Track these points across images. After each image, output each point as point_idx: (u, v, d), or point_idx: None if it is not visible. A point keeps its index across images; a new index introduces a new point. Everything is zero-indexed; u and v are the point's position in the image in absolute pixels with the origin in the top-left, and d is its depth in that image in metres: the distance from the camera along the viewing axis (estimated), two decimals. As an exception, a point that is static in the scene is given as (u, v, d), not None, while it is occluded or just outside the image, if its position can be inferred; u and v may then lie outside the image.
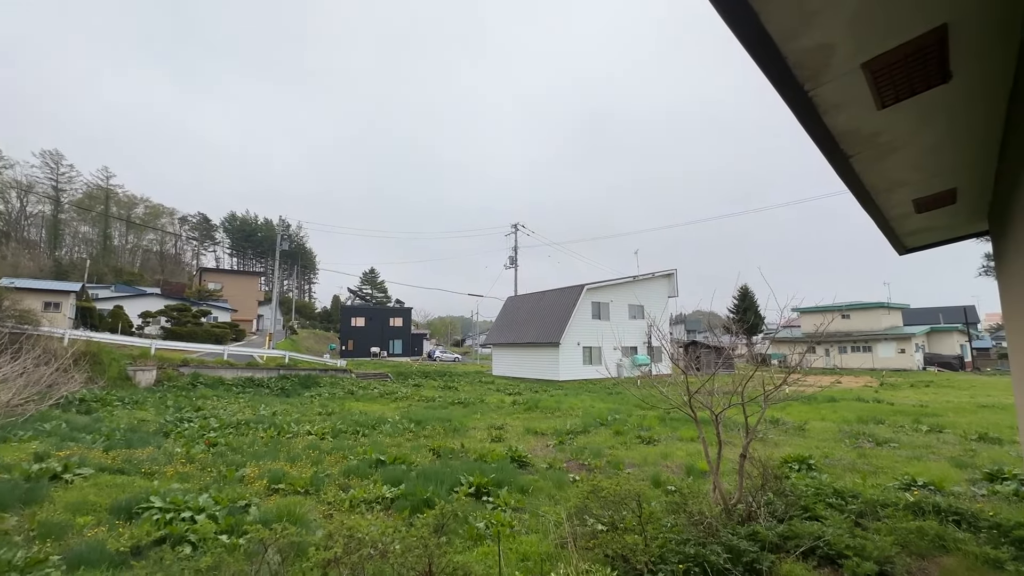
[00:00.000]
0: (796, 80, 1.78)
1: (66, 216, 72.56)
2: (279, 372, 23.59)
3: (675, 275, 35.84)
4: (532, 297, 36.83)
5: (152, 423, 11.61)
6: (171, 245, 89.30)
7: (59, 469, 6.52)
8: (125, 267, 70.82)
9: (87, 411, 12.77)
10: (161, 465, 7.49)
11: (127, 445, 8.85)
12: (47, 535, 4.56)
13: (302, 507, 5.73)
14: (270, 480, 6.71)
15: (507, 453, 8.66)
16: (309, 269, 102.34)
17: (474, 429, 12.19)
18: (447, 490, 6.43)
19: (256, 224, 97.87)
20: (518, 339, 33.23)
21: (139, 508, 5.26)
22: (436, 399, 19.10)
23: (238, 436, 10.20)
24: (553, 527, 4.83)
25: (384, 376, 29.14)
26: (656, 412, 13.52)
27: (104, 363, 19.12)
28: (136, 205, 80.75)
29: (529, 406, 16.58)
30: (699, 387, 5.53)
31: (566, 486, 7.04)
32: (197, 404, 15.11)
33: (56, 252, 68.27)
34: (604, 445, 10.18)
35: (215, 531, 4.72)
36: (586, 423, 12.73)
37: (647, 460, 8.90)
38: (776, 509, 5.17)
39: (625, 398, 18.91)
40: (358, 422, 12.35)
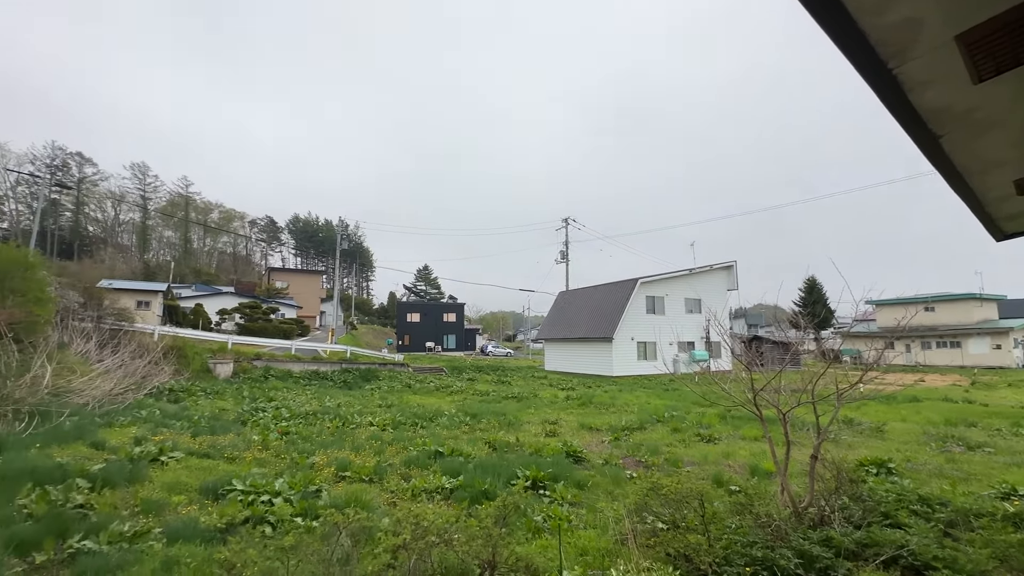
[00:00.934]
0: (878, 58, 1.66)
1: (152, 222, 79.59)
2: (341, 366, 24.78)
3: (734, 267, 34.30)
4: (584, 292, 36.47)
5: (231, 412, 12.54)
6: (242, 247, 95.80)
7: (155, 452, 7.20)
8: (203, 268, 76.71)
9: (175, 400, 13.97)
10: (241, 451, 8.09)
11: (211, 432, 9.61)
12: (148, 511, 5.07)
13: (367, 494, 6.01)
14: (337, 468, 7.09)
15: (562, 448, 8.66)
16: (367, 267, 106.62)
17: (528, 423, 12.28)
18: (504, 483, 6.53)
19: (318, 225, 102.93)
20: (570, 334, 33.05)
21: (224, 490, 5.72)
22: (490, 393, 19.39)
23: (307, 426, 10.83)
24: (612, 523, 4.80)
25: (439, 370, 29.90)
26: (716, 409, 13.04)
27: (188, 356, 20.87)
28: (211, 210, 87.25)
29: (583, 401, 16.48)
30: (765, 384, 5.29)
31: (623, 482, 6.96)
32: (269, 395, 16.16)
33: (145, 255, 75.00)
34: (661, 442, 9.96)
35: (291, 514, 5.06)
36: (642, 419, 12.49)
37: (707, 459, 8.63)
38: (852, 514, 4.86)
39: (683, 394, 18.37)
40: (416, 414, 12.77)
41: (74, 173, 69.61)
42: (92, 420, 9.27)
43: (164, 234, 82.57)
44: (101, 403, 11.08)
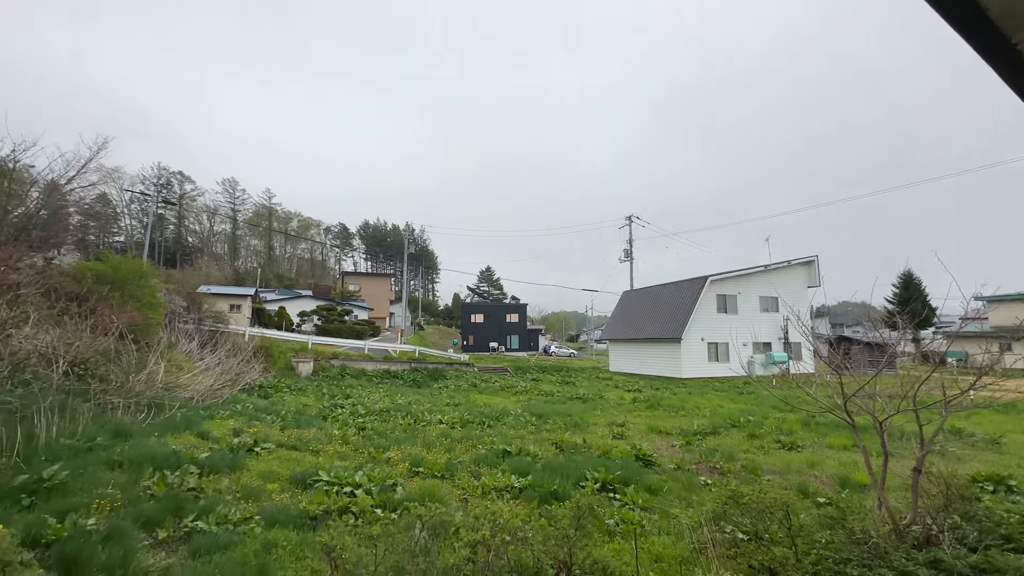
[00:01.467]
0: (1000, 33, 1.49)
1: (241, 232, 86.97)
2: (411, 365, 25.76)
3: (815, 262, 31.87)
4: (650, 291, 35.43)
5: (313, 408, 13.44)
6: (318, 252, 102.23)
7: (251, 443, 7.88)
8: (285, 273, 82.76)
9: (265, 396, 15.19)
10: (324, 444, 8.66)
11: (296, 426, 10.36)
12: (248, 496, 5.56)
13: (440, 490, 6.22)
14: (411, 463, 7.39)
15: (631, 451, 8.49)
16: (432, 269, 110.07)
17: (594, 425, 12.14)
18: (572, 484, 6.51)
19: (386, 230, 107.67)
20: (636, 334, 32.23)
21: (311, 480, 6.16)
22: (555, 394, 19.36)
23: (381, 422, 11.38)
24: (688, 530, 4.65)
25: (503, 370, 30.26)
26: (798, 415, 12.21)
27: (274, 355, 22.62)
28: (291, 219, 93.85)
29: (651, 404, 16.03)
30: (858, 389, 4.89)
31: (697, 489, 6.71)
32: (346, 392, 17.14)
33: (235, 263, 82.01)
34: (737, 448, 9.48)
35: (371, 505, 5.36)
36: (715, 424, 11.96)
37: (790, 467, 8.11)
38: (965, 535, 4.37)
39: (759, 398, 17.36)
40: (483, 413, 13.02)
41: (176, 190, 77.67)
42: (197, 412, 10.29)
43: (251, 242, 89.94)
44: (203, 397, 12.27)
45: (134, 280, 14.66)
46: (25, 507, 4.53)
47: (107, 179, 25.12)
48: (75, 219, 23.05)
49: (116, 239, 72.01)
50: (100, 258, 16.45)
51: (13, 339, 8.35)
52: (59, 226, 17.81)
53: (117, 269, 14.59)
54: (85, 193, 20.33)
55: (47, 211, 15.84)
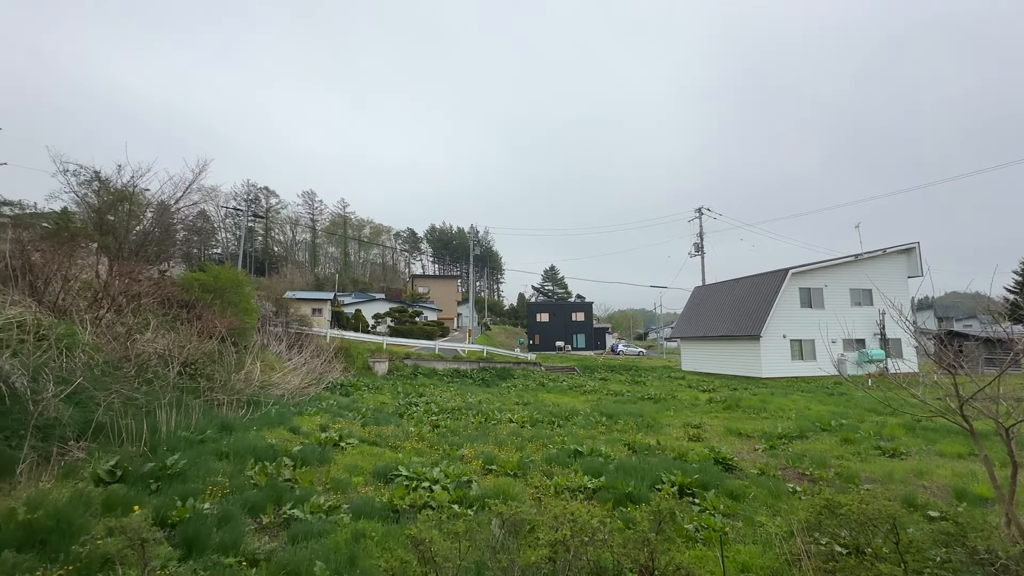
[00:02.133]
0: None
1: (319, 240, 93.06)
2: (479, 364, 26.29)
3: (916, 250, 28.75)
4: (724, 286, 33.69)
5: (390, 405, 14.10)
6: (389, 257, 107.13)
7: (336, 438, 8.41)
8: (359, 277, 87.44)
9: (346, 394, 16.15)
10: (401, 441, 9.06)
11: (375, 423, 10.92)
12: (336, 488, 5.95)
13: (514, 488, 6.29)
14: (484, 461, 7.54)
15: (709, 454, 8.12)
16: (496, 270, 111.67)
17: (668, 426, 11.75)
18: (648, 486, 6.35)
19: (452, 233, 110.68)
20: (709, 332, 30.78)
21: (392, 474, 6.47)
22: (624, 393, 18.95)
23: (454, 420, 11.71)
24: (778, 540, 4.37)
25: (571, 369, 30.06)
26: (900, 419, 11.08)
27: (352, 356, 23.98)
28: (364, 226, 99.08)
29: (728, 405, 15.24)
30: (977, 391, 4.37)
31: (785, 496, 6.29)
32: (419, 390, 17.82)
33: (315, 269, 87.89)
34: (829, 454, 8.78)
35: (448, 500, 5.54)
36: (802, 427, 11.15)
37: (892, 476, 7.39)
38: (1122, 562, 3.77)
39: (852, 400, 15.96)
40: (552, 413, 13.01)
41: (263, 204, 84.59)
42: (288, 409, 11.15)
43: (328, 250, 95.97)
44: (292, 395, 13.27)
45: (232, 288, 16.14)
46: (153, 491, 5.14)
47: (206, 198, 27.96)
48: (181, 235, 25.79)
49: (214, 251, 79.63)
50: (203, 269, 18.31)
51: (138, 343, 9.50)
52: (169, 242, 20.00)
53: (217, 278, 16.14)
54: (189, 211, 22.66)
55: (159, 229, 17.86)
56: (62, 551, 3.58)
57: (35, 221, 15.19)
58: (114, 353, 8.86)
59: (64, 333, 7.75)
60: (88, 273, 12.98)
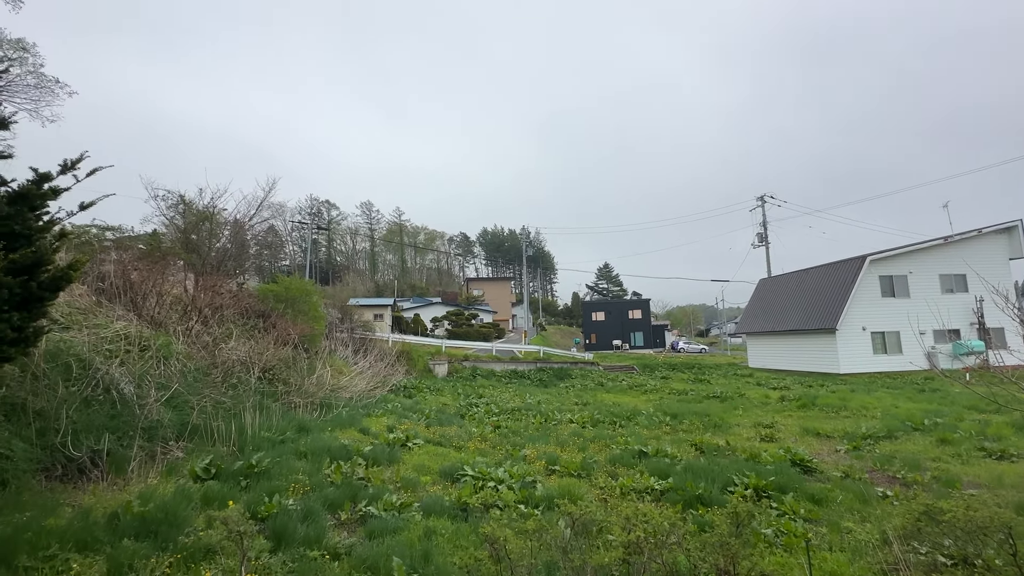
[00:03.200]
0: None
1: (378, 248, 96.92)
2: (536, 365, 26.33)
3: (1019, 228, 25.76)
4: (792, 277, 31.77)
5: (451, 407, 14.42)
6: (444, 262, 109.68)
7: (403, 439, 8.72)
8: (416, 283, 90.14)
9: (409, 396, 16.68)
10: (464, 441, 9.24)
11: (439, 423, 11.21)
12: (406, 487, 6.16)
13: (578, 488, 6.24)
14: (547, 461, 7.54)
15: (785, 455, 7.68)
16: (549, 270, 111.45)
17: (737, 426, 11.23)
18: (719, 489, 6.10)
19: (503, 235, 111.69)
20: (777, 326, 29.12)
21: (458, 474, 6.61)
22: (688, 392, 18.31)
23: (514, 421, 11.80)
24: (870, 548, 4.06)
25: (630, 368, 29.45)
26: (1007, 416, 9.99)
27: (413, 358, 24.74)
28: (419, 233, 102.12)
29: (803, 403, 14.34)
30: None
31: (873, 501, 5.83)
32: (479, 392, 18.09)
33: (375, 276, 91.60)
34: (923, 455, 8.05)
35: (514, 500, 5.58)
36: (889, 426, 10.29)
37: (1001, 481, 6.66)
38: None
39: (948, 396, 14.56)
40: (613, 413, 12.80)
41: (325, 216, 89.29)
42: (357, 411, 11.69)
43: (387, 257, 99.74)
44: (360, 397, 13.89)
45: (302, 297, 17.15)
46: (243, 488, 5.56)
47: (275, 214, 30.02)
48: (254, 249, 27.75)
49: (283, 263, 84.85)
50: (275, 280, 19.59)
51: (223, 351, 10.31)
52: (244, 256, 21.56)
53: (288, 289, 17.20)
54: (260, 227, 24.34)
55: (235, 245, 19.30)
56: (170, 541, 3.96)
57: (132, 243, 16.88)
58: (203, 361, 9.68)
59: (162, 344, 8.56)
60: (178, 288, 14.25)
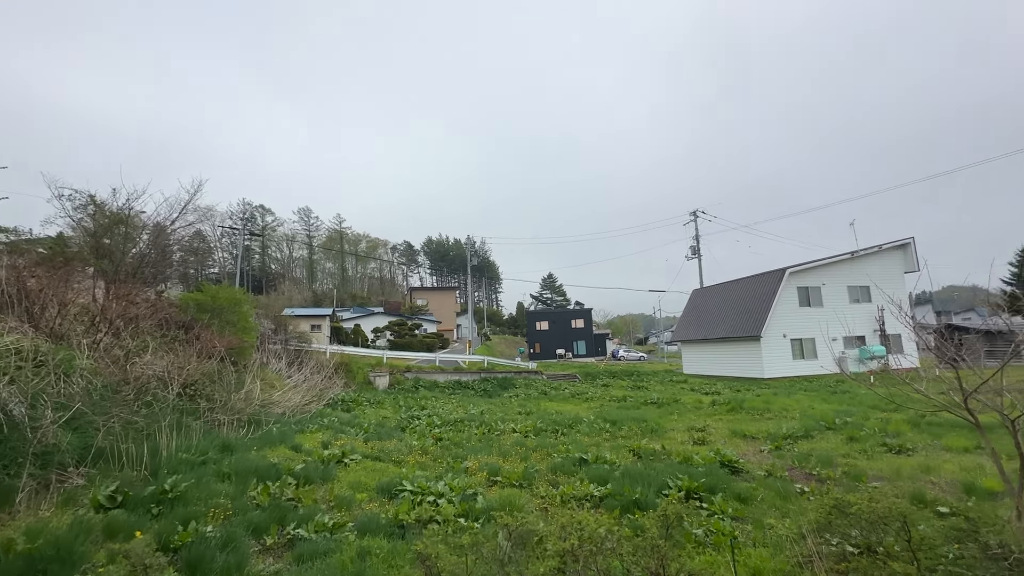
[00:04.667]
0: None
1: (316, 256, 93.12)
2: (480, 375, 26.19)
3: (911, 245, 28.91)
4: (722, 288, 33.76)
5: (392, 420, 14.00)
6: (387, 271, 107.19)
7: (339, 455, 8.33)
8: (357, 292, 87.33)
9: (347, 409, 16.04)
10: (404, 455, 8.98)
11: (378, 438, 10.83)
12: (340, 506, 5.88)
13: (519, 499, 6.23)
14: (489, 472, 7.47)
15: (715, 457, 8.07)
16: (494, 280, 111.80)
17: (672, 430, 11.68)
18: (654, 492, 6.29)
19: (448, 245, 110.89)
20: (709, 334, 30.77)
21: (396, 490, 6.40)
22: (627, 399, 18.87)
23: (456, 432, 11.62)
24: (788, 542, 4.33)
25: (572, 377, 29.97)
26: (904, 414, 11.06)
27: (353, 371, 23.87)
28: (360, 241, 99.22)
29: (732, 407, 15.18)
30: (980, 384, 4.36)
31: (793, 497, 6.24)
32: (421, 404, 17.70)
33: (312, 285, 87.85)
34: (835, 452, 8.73)
35: (454, 514, 5.47)
36: (807, 426, 11.10)
37: (900, 473, 7.34)
38: None
39: (856, 397, 15.93)
40: (555, 421, 12.93)
41: (259, 222, 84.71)
42: (289, 427, 11.06)
43: (326, 265, 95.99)
44: (294, 412, 13.17)
45: (230, 307, 16.10)
46: (155, 516, 5.07)
47: (202, 218, 28.00)
48: (177, 255, 25.80)
49: (211, 271, 79.50)
50: (200, 289, 18.26)
51: (137, 366, 9.44)
52: (165, 263, 19.99)
53: (215, 298, 16.10)
54: (185, 232, 22.69)
55: (155, 250, 17.85)
56: (63, 580, 3.52)
57: (31, 247, 15.17)
58: (112, 377, 8.80)
59: (62, 358, 7.70)
60: (85, 297, 12.94)
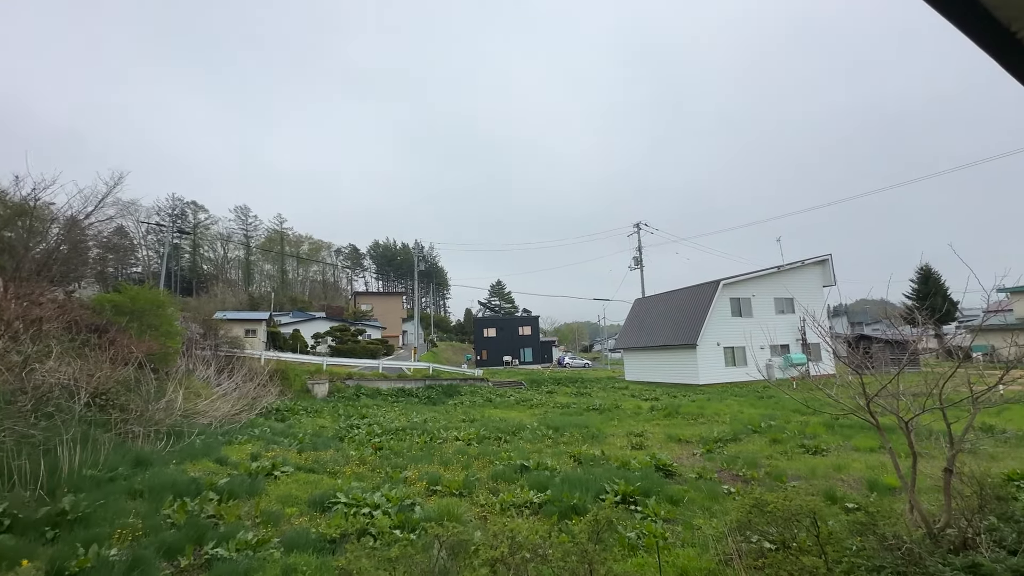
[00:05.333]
0: (998, 24, 1.47)
1: (254, 258, 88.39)
2: (425, 382, 25.74)
3: (830, 261, 31.44)
4: (662, 297, 35.18)
5: (329, 429, 13.46)
6: (330, 274, 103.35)
7: (269, 467, 7.89)
8: (298, 296, 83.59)
9: (282, 419, 15.26)
10: (341, 466, 8.65)
11: (313, 448, 10.37)
12: (267, 521, 5.56)
13: (459, 508, 6.16)
14: (429, 482, 7.34)
15: (651, 461, 8.35)
16: (442, 286, 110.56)
17: (612, 436, 11.99)
18: (592, 497, 6.42)
19: (396, 249, 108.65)
20: (650, 342, 31.93)
21: (330, 502, 6.14)
22: (571, 405, 19.18)
23: (398, 441, 11.34)
24: (712, 542, 4.53)
25: (518, 384, 30.10)
26: (821, 418, 11.95)
27: (290, 378, 22.76)
28: (302, 243, 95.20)
29: (669, 412, 15.80)
30: (880, 389, 4.78)
31: (720, 498, 6.57)
32: (362, 412, 17.15)
33: (249, 288, 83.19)
34: (760, 454, 9.29)
35: (390, 526, 5.31)
36: (736, 430, 11.74)
37: (815, 472, 7.91)
38: (1003, 537, 4.21)
39: (780, 402, 17.03)
40: (499, 428, 12.92)
41: (190, 219, 79.38)
42: (215, 438, 10.36)
43: (264, 267, 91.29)
44: (222, 423, 12.36)
45: (152, 310, 14.92)
46: (49, 540, 4.57)
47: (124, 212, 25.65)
48: (94, 252, 23.63)
49: (134, 270, 73.61)
50: (118, 290, 16.80)
51: (37, 373, 8.51)
52: (79, 260, 18.26)
53: (135, 300, 14.87)
54: (103, 227, 20.82)
55: (67, 246, 16.26)
56: (-72, 619, 3.09)
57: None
58: (6, 385, 7.89)
59: (-57, 365, 6.81)
60: (-23, 296, 11.54)
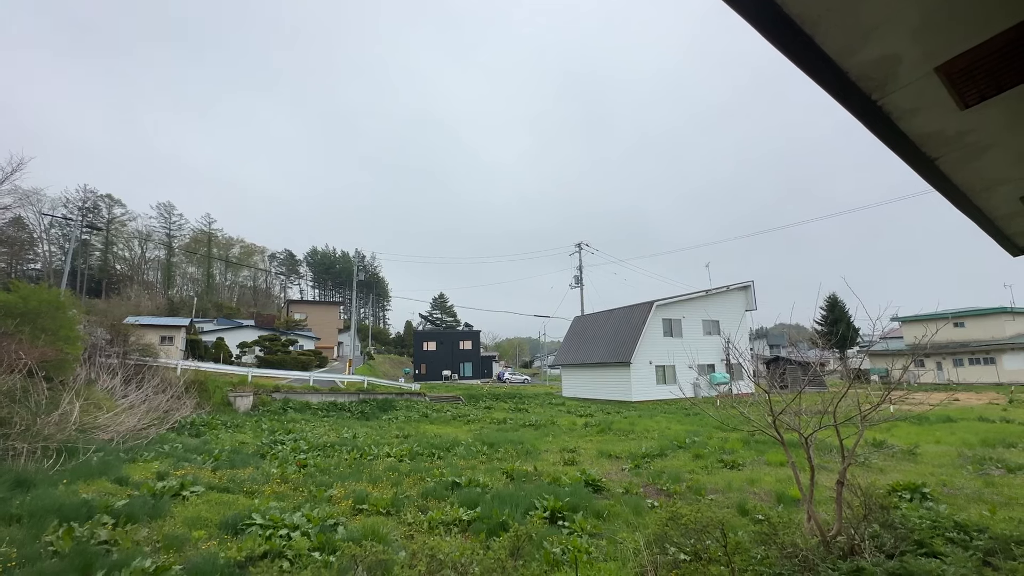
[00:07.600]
0: (862, 92, 1.72)
1: (177, 259, 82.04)
2: (359, 396, 24.84)
3: (751, 287, 33.86)
4: (600, 316, 36.25)
5: (251, 445, 12.63)
6: (262, 280, 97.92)
7: (177, 487, 7.28)
8: (225, 302, 78.46)
9: (197, 434, 14.13)
10: (260, 485, 8.13)
11: (231, 466, 9.69)
12: (170, 547, 5.11)
13: (385, 527, 5.96)
14: (355, 500, 7.07)
15: (581, 477, 8.52)
16: (383, 297, 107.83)
17: (546, 452, 12.11)
18: (522, 514, 6.44)
19: (335, 257, 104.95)
20: (587, 359, 32.73)
21: (243, 524, 5.75)
22: (507, 421, 19.20)
23: (325, 458, 10.84)
24: (632, 555, 4.69)
25: (456, 399, 29.74)
26: (738, 434, 12.73)
27: (209, 390, 21.18)
28: (233, 246, 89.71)
29: (602, 428, 16.22)
30: (784, 407, 5.20)
31: (644, 512, 6.80)
32: (288, 427, 16.25)
33: (169, 291, 76.97)
34: (683, 469, 9.73)
35: (308, 548, 5.05)
36: (663, 446, 12.24)
37: (731, 486, 8.40)
38: (884, 543, 4.69)
39: (704, 419, 17.96)
40: (433, 444, 12.69)
41: (104, 214, 72.58)
42: (117, 456, 9.43)
43: (188, 270, 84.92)
44: (125, 438, 11.28)
45: (47, 312, 13.45)
46: None
47: (23, 202, 22.90)
48: (-18, 245, 21.02)
49: (32, 266, 66.23)
50: (9, 288, 15.00)
51: None
52: (-38, 253, 16.16)
53: (27, 300, 13.35)
54: (-4, 217, 18.60)
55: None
56: None
57: None
58: None
59: None
60: None
